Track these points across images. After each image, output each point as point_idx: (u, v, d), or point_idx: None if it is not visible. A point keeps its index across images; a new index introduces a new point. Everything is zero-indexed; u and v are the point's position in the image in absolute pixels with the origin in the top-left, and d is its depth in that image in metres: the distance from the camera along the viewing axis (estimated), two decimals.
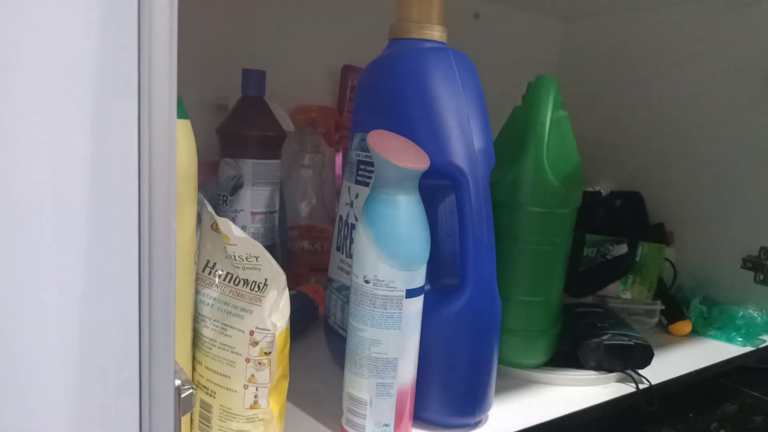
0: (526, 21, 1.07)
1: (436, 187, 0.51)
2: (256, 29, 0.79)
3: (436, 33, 0.52)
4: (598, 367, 0.62)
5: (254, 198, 0.67)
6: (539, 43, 1.10)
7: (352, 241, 0.54)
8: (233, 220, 0.68)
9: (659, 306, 0.79)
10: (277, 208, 0.71)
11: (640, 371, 0.62)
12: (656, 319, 0.79)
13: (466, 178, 0.48)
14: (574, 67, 1.10)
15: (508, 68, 1.07)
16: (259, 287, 0.41)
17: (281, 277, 0.40)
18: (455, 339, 0.48)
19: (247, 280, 0.41)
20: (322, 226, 0.82)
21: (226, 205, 0.68)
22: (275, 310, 0.40)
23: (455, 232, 0.50)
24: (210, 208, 0.42)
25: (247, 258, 0.41)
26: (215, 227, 0.41)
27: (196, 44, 0.74)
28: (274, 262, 0.40)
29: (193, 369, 0.43)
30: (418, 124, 0.49)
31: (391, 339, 0.44)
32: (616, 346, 0.62)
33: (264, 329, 0.40)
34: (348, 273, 0.54)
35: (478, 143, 0.49)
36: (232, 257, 0.41)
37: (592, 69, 1.07)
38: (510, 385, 0.59)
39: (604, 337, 0.62)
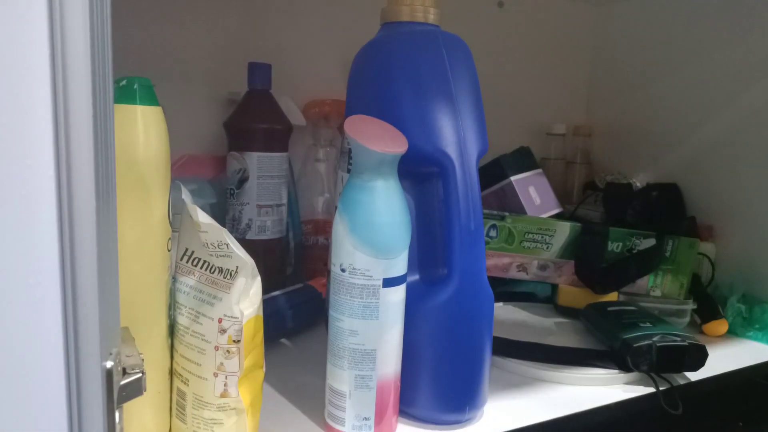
0: (554, 7, 1.03)
1: (428, 173, 0.49)
2: (268, 23, 0.79)
3: (427, 15, 0.50)
4: (650, 371, 0.58)
5: (260, 191, 0.68)
6: (570, 30, 1.06)
7: None
8: (240, 213, 0.68)
9: (690, 306, 0.74)
10: (284, 201, 0.70)
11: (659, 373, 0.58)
12: (687, 319, 0.74)
13: (452, 163, 0.46)
14: (610, 54, 1.05)
15: (538, 60, 1.04)
16: (230, 275, 0.40)
17: (250, 265, 0.39)
18: (442, 331, 0.46)
19: (221, 268, 0.41)
20: None
21: (233, 199, 0.68)
22: (244, 298, 0.40)
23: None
24: (186, 195, 0.42)
25: (218, 245, 0.40)
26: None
27: (209, 40, 0.76)
28: (241, 249, 0.39)
29: (172, 357, 0.43)
30: (403, 108, 0.47)
31: (369, 330, 0.43)
32: (669, 348, 0.58)
33: (232, 317, 0.39)
34: None
35: (466, 128, 0.47)
36: (206, 245, 0.41)
37: (628, 55, 1.01)
38: (512, 382, 0.57)
39: (655, 339, 0.58)
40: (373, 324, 0.43)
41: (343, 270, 0.43)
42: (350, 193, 0.43)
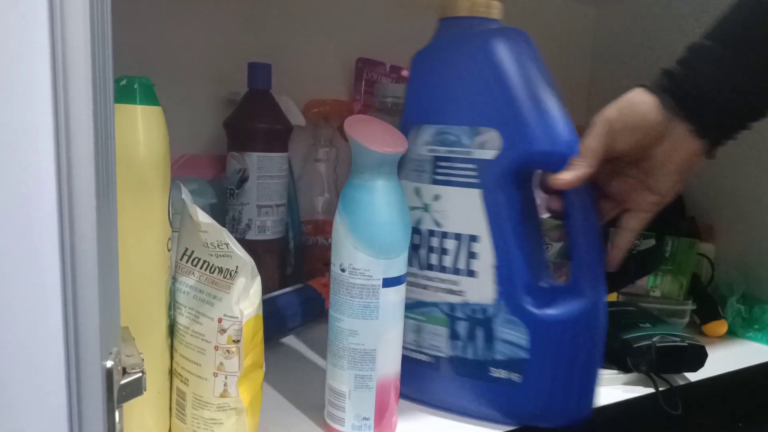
0: (555, 8, 1.03)
1: (527, 176, 0.49)
2: (269, 23, 0.79)
3: (495, 11, 0.49)
4: (649, 371, 0.58)
5: (260, 191, 0.68)
6: (570, 31, 1.06)
7: (436, 252, 0.49)
8: (240, 213, 0.68)
9: (690, 306, 0.74)
10: (284, 201, 0.70)
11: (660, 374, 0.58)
12: (686, 320, 0.74)
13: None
14: (610, 55, 1.05)
15: None
16: (230, 275, 0.40)
17: (250, 264, 0.39)
18: (574, 342, 0.46)
19: (221, 267, 0.41)
20: None
21: (233, 199, 0.68)
22: (244, 298, 0.40)
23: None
24: (186, 195, 0.42)
25: (218, 245, 0.40)
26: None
27: (209, 39, 0.76)
28: (241, 249, 0.39)
29: (172, 357, 0.43)
30: (522, 111, 0.45)
31: (368, 329, 0.43)
32: (669, 348, 0.58)
33: (231, 317, 0.39)
34: (435, 290, 0.49)
35: (569, 125, 0.46)
36: (206, 245, 0.41)
37: (628, 55, 1.01)
38: None
39: (655, 339, 0.58)
40: (372, 324, 0.43)
41: (342, 270, 0.43)
42: (350, 192, 0.43)
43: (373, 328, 0.43)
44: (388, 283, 0.42)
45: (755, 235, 0.81)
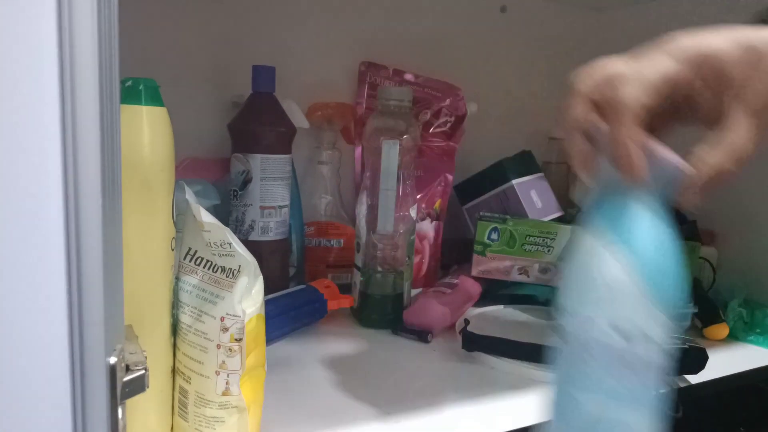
0: (557, 13, 1.04)
1: None
2: (273, 27, 0.80)
3: None
4: None
5: (263, 192, 0.68)
6: (573, 35, 1.06)
7: None
8: (243, 214, 0.69)
9: (690, 309, 0.74)
10: (287, 203, 0.71)
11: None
12: (688, 323, 0.74)
13: None
14: None
15: (540, 65, 1.04)
16: (233, 274, 0.41)
17: (252, 264, 0.40)
18: None
19: (224, 267, 0.41)
20: (340, 223, 0.82)
21: (237, 200, 0.69)
22: (246, 297, 0.40)
23: None
24: (190, 196, 0.43)
25: (221, 244, 0.41)
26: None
27: (214, 43, 0.76)
28: (243, 248, 0.40)
29: (174, 356, 0.43)
30: None
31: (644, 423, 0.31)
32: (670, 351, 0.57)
33: (234, 315, 0.40)
34: None
35: None
36: (209, 244, 0.41)
37: None
38: (513, 383, 0.57)
39: None
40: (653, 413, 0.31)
41: (626, 337, 0.30)
42: (630, 221, 0.33)
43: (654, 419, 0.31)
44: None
45: (757, 239, 0.81)
